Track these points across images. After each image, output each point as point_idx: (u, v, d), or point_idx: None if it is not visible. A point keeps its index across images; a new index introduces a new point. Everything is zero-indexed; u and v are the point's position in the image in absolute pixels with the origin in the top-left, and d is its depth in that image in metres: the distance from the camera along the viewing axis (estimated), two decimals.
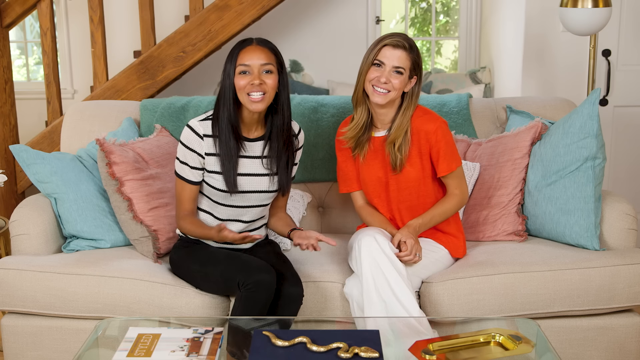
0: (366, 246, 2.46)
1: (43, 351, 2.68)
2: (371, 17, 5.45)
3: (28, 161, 2.84)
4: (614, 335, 2.67)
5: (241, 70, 2.42)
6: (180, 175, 2.57)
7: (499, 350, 2.11)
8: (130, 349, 2.06)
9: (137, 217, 2.77)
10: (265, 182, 2.59)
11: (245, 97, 2.43)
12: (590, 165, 2.75)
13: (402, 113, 2.62)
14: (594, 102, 2.76)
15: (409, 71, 2.58)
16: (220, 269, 2.50)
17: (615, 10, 3.91)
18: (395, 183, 2.68)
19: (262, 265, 2.44)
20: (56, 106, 4.41)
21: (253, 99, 2.42)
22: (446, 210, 2.68)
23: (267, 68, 2.43)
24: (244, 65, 2.41)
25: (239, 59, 2.42)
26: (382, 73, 2.55)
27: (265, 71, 2.42)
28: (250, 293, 2.38)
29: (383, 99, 2.57)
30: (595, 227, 2.74)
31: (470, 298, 2.59)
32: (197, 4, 4.28)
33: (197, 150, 2.51)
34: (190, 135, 2.51)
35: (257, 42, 2.46)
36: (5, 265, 2.67)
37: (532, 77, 4.14)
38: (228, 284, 2.47)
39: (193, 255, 2.60)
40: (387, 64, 2.55)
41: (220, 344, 2.09)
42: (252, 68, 2.41)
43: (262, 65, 2.42)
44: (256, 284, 2.37)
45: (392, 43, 2.55)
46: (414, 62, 2.59)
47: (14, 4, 4.30)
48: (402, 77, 2.56)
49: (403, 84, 2.58)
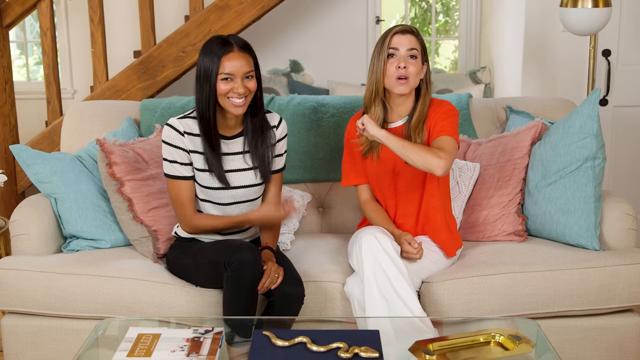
0: (367, 244, 2.47)
1: (43, 351, 2.68)
2: (371, 17, 5.44)
3: (28, 161, 2.84)
4: (614, 335, 2.67)
5: (224, 77, 2.45)
6: (174, 175, 2.57)
7: (499, 350, 2.11)
8: (130, 349, 2.05)
9: (137, 217, 2.78)
10: (251, 176, 2.61)
11: (227, 101, 2.48)
12: (590, 165, 2.75)
13: (422, 99, 2.68)
14: (594, 102, 2.76)
15: (421, 55, 2.64)
16: (207, 256, 2.51)
17: (615, 10, 3.91)
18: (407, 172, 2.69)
19: (245, 245, 2.45)
20: (56, 106, 4.41)
21: (235, 103, 2.47)
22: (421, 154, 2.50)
23: (249, 74, 2.48)
24: (227, 74, 2.45)
25: (222, 66, 2.45)
26: (399, 60, 2.61)
27: (247, 77, 2.47)
28: (235, 272, 2.38)
29: (406, 88, 2.62)
30: (595, 227, 2.74)
31: (470, 298, 2.59)
32: (197, 4, 4.28)
33: (181, 147, 2.53)
34: (172, 133, 2.53)
35: (238, 48, 2.47)
36: (5, 265, 2.67)
37: (532, 77, 4.14)
38: (217, 269, 2.47)
39: (186, 252, 2.61)
40: (400, 50, 2.62)
41: (220, 344, 2.09)
42: (236, 76, 2.45)
43: (245, 73, 2.46)
44: (240, 262, 2.38)
45: (400, 30, 2.63)
46: (422, 47, 2.66)
47: (14, 4, 4.30)
48: (416, 61, 2.62)
49: (418, 69, 2.64)
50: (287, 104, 3.25)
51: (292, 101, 3.26)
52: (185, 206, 2.58)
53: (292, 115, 3.20)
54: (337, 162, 3.14)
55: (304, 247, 2.91)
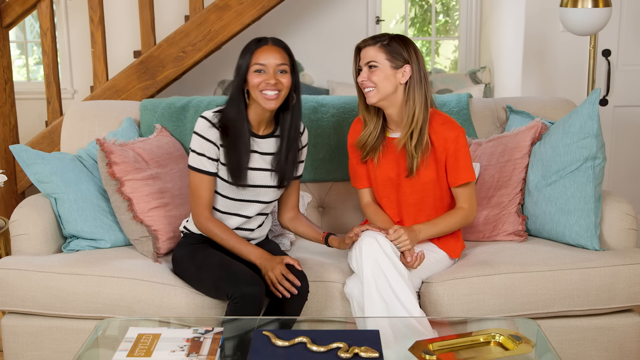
0: (367, 246, 2.46)
1: (43, 351, 2.68)
2: (371, 17, 5.45)
3: (28, 161, 2.84)
4: (614, 335, 2.67)
5: (256, 69, 2.46)
6: (199, 168, 2.53)
7: (499, 350, 2.11)
8: (130, 349, 2.05)
9: (137, 217, 2.78)
10: (267, 177, 2.60)
11: (259, 94, 2.46)
12: (590, 165, 2.75)
13: (405, 105, 2.60)
14: (594, 102, 2.76)
15: (388, 62, 2.57)
16: (211, 275, 2.50)
17: (615, 10, 3.91)
18: (408, 186, 2.67)
19: (249, 277, 2.42)
20: (56, 106, 4.41)
21: (267, 96, 2.46)
22: (451, 224, 2.67)
23: (282, 68, 2.47)
24: (259, 64, 2.45)
25: (255, 57, 2.46)
26: (363, 74, 2.60)
27: (280, 71, 2.47)
28: (237, 306, 2.38)
29: (371, 98, 2.59)
30: (595, 227, 2.74)
31: (470, 298, 2.59)
32: (197, 4, 4.28)
33: (213, 141, 2.51)
34: (206, 126, 2.51)
35: (272, 42, 2.50)
36: (5, 265, 2.67)
37: (532, 77, 4.15)
38: (218, 292, 2.49)
39: (192, 256, 2.60)
40: (362, 65, 2.62)
41: (221, 344, 2.09)
42: (268, 67, 2.45)
43: (277, 65, 2.46)
44: (242, 297, 2.37)
45: (361, 44, 2.63)
46: (389, 51, 2.58)
47: (14, 4, 4.30)
48: (377, 70, 2.57)
49: (383, 77, 2.57)
50: None
51: None
52: (202, 202, 2.55)
53: None
54: (337, 162, 3.14)
55: (304, 248, 2.91)
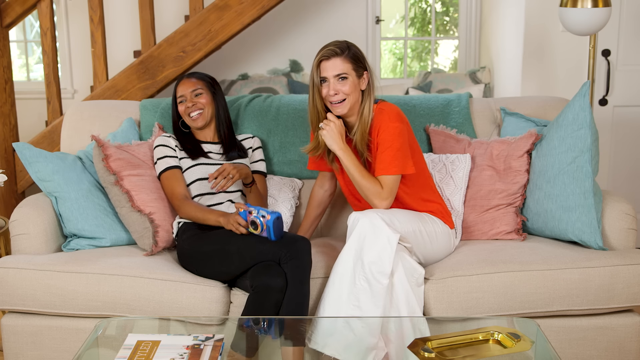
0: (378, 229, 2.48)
1: (43, 351, 2.68)
2: (371, 17, 5.45)
3: (30, 159, 2.85)
4: (614, 335, 2.67)
5: (179, 100, 2.98)
6: (164, 168, 2.89)
7: (497, 348, 2.12)
8: (129, 357, 2.02)
9: (135, 206, 2.79)
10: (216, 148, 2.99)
11: (187, 118, 2.97)
12: (586, 158, 2.75)
13: (360, 111, 2.65)
14: (584, 95, 2.78)
15: (354, 71, 2.61)
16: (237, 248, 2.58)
17: (615, 10, 3.91)
18: None
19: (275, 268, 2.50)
20: (56, 106, 4.41)
21: (193, 117, 2.96)
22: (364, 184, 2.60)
23: (197, 92, 2.96)
24: (179, 96, 2.97)
25: (176, 92, 2.99)
26: (329, 87, 2.61)
27: (195, 95, 2.95)
28: (258, 295, 2.48)
29: (343, 108, 2.62)
30: (597, 223, 2.73)
31: (469, 296, 2.59)
32: (197, 4, 4.29)
33: (171, 146, 2.94)
34: (164, 136, 2.98)
35: (186, 76, 3.01)
36: (5, 264, 2.67)
37: (531, 77, 4.15)
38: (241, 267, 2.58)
39: (207, 238, 2.67)
40: (329, 77, 2.61)
41: (221, 352, 2.06)
42: (185, 96, 2.95)
43: (192, 92, 2.95)
44: (266, 288, 2.47)
45: (325, 54, 2.62)
46: (354, 61, 2.61)
47: (14, 3, 4.30)
48: (348, 81, 2.60)
49: (353, 87, 2.61)
50: (287, 103, 3.25)
51: (292, 101, 3.26)
52: (175, 192, 2.85)
53: (292, 115, 3.20)
54: None
55: None
